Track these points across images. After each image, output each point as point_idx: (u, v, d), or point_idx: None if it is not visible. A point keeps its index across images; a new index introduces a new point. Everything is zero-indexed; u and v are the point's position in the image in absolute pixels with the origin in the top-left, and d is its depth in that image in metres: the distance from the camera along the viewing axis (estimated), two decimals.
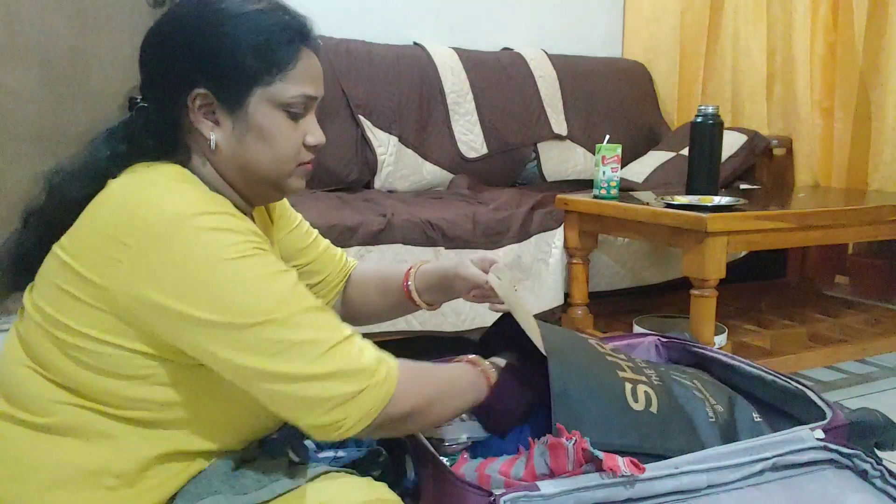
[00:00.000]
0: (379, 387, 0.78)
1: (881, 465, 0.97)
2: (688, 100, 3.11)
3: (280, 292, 0.76)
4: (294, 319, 0.75)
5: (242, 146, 0.82)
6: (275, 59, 0.81)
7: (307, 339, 0.75)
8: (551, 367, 0.94)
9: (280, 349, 0.74)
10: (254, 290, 0.74)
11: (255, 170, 0.84)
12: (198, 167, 0.83)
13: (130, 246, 0.73)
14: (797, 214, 1.84)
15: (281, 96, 0.82)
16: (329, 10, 2.70)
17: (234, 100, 0.80)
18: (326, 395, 0.75)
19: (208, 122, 0.81)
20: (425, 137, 2.61)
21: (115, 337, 0.76)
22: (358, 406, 0.76)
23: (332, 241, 1.84)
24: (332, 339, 0.77)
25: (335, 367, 0.75)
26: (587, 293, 2.17)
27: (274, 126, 0.82)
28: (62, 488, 0.76)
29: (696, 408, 1.02)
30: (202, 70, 0.79)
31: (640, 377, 1.01)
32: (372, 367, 0.78)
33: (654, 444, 0.93)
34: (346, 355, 0.77)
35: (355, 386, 0.76)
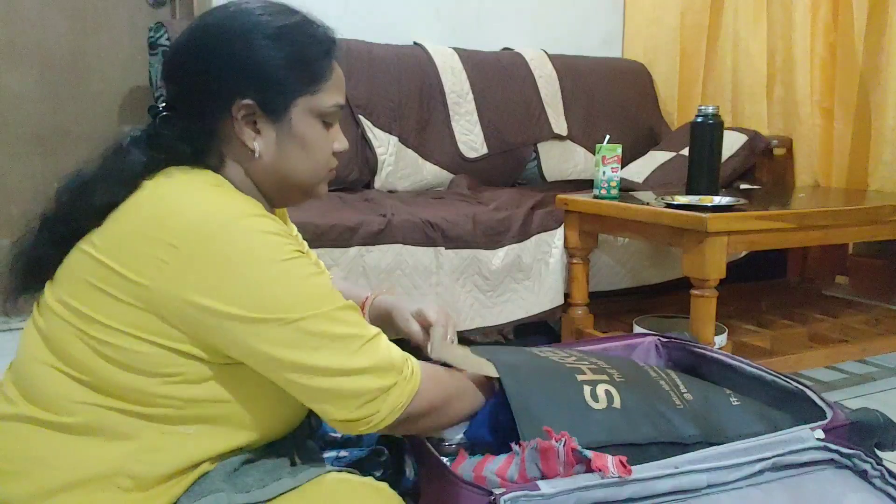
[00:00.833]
0: (407, 382, 0.83)
1: (881, 465, 0.97)
2: (688, 100, 3.11)
3: (321, 290, 0.80)
4: (334, 315, 0.79)
5: (283, 154, 0.85)
6: (316, 71, 0.85)
7: (346, 334, 0.79)
8: (507, 387, 0.95)
9: (321, 343, 0.78)
10: (299, 288, 0.78)
11: (293, 176, 0.87)
12: (231, 174, 0.85)
13: (177, 247, 0.75)
14: (797, 214, 1.85)
15: (320, 106, 0.85)
16: (329, 10, 2.68)
17: (278, 110, 0.83)
18: (361, 389, 0.79)
19: (251, 130, 0.83)
20: (425, 137, 2.61)
21: (151, 335, 0.77)
22: (389, 401, 0.81)
23: (332, 241, 1.86)
24: (367, 334, 0.82)
25: (370, 362, 0.80)
26: (587, 293, 2.17)
27: (313, 135, 0.86)
28: (77, 488, 0.77)
29: (662, 398, 1.03)
30: (248, 81, 0.81)
31: (601, 377, 1.03)
32: (400, 363, 0.83)
33: (623, 436, 0.94)
34: (379, 351, 0.82)
35: (387, 381, 0.81)
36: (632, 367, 1.14)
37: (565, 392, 0.99)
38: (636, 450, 0.90)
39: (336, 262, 1.84)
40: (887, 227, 2.03)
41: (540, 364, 1.05)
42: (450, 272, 1.99)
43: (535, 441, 0.87)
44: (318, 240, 1.83)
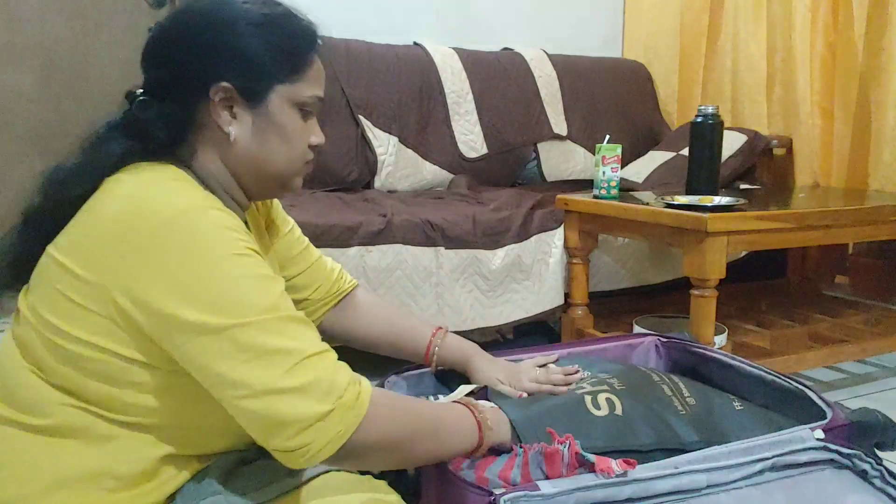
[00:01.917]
0: (348, 409, 0.74)
1: (881, 465, 0.97)
2: (688, 100, 3.11)
3: (265, 295, 0.74)
4: (273, 325, 0.73)
5: (260, 141, 0.84)
6: (297, 61, 0.85)
7: (282, 348, 0.73)
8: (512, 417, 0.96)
9: (253, 355, 0.72)
10: (241, 289, 0.73)
11: (268, 165, 0.85)
12: (205, 162, 0.84)
13: (131, 241, 0.73)
14: (797, 214, 1.85)
15: (299, 96, 0.85)
16: (329, 10, 2.69)
17: (256, 96, 0.82)
18: (294, 414, 0.71)
19: (227, 115, 0.82)
20: (425, 137, 2.61)
21: (110, 342, 0.75)
22: (325, 430, 0.72)
23: (331, 240, 1.86)
24: (307, 350, 0.74)
25: (305, 381, 0.72)
26: (587, 293, 2.17)
27: (290, 124, 0.85)
28: (62, 490, 0.76)
29: (664, 403, 1.04)
30: (228, 65, 0.81)
31: (601, 387, 1.04)
32: (342, 385, 0.74)
33: (625, 442, 0.95)
34: (319, 369, 0.74)
35: (324, 406, 0.72)
36: (633, 372, 1.14)
37: (566, 403, 1.00)
38: (638, 456, 0.90)
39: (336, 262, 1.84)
40: (887, 227, 2.03)
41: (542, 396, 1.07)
42: (450, 272, 1.99)
43: (540, 445, 0.87)
44: (318, 240, 1.83)
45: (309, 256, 1.11)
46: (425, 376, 1.25)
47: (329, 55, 2.49)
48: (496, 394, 1.07)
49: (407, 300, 1.94)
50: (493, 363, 1.14)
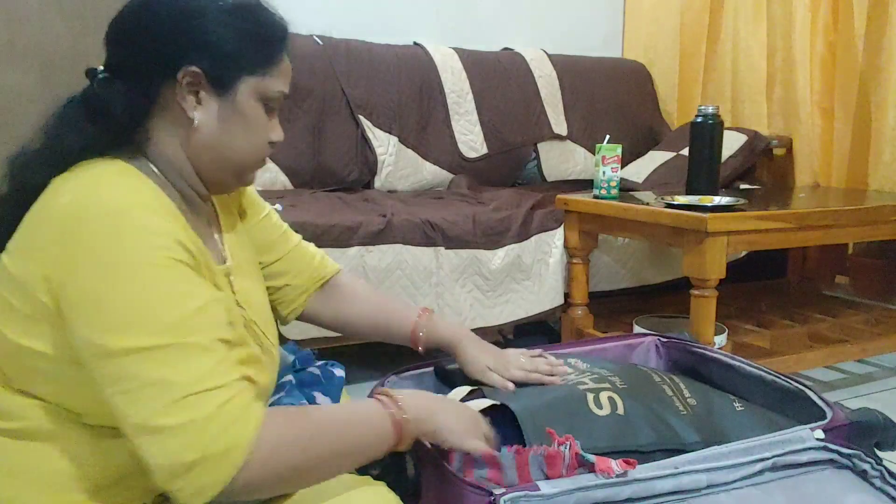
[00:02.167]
0: (218, 460, 0.67)
1: (881, 465, 0.97)
2: (688, 100, 3.11)
3: (167, 314, 0.69)
4: (162, 354, 0.68)
5: (224, 129, 0.82)
6: (267, 54, 0.83)
7: (162, 381, 0.67)
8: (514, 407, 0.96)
9: (134, 386, 0.67)
10: (142, 306, 0.68)
11: (230, 154, 0.84)
12: (163, 146, 0.82)
13: (57, 240, 0.71)
14: (797, 214, 1.85)
15: (267, 89, 0.83)
16: (329, 10, 2.70)
17: (224, 83, 0.81)
18: (161, 457, 0.66)
19: (193, 99, 0.81)
20: (425, 137, 2.61)
21: (51, 348, 0.73)
22: (191, 481, 0.66)
23: (331, 240, 1.86)
24: (190, 387, 0.67)
25: (177, 422, 0.66)
26: (587, 293, 2.17)
27: (255, 116, 0.84)
28: (42, 492, 0.75)
29: (665, 403, 1.04)
30: (199, 50, 0.79)
31: (603, 385, 1.04)
32: (215, 431, 0.67)
33: (627, 442, 0.95)
34: (196, 410, 0.67)
35: (190, 454, 0.66)
36: (635, 372, 1.14)
37: (568, 399, 1.00)
38: (639, 456, 0.90)
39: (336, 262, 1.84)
40: (887, 227, 2.03)
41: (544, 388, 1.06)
42: (450, 272, 1.99)
43: (542, 448, 0.87)
44: (318, 240, 1.83)
45: (287, 242, 1.09)
46: (425, 376, 1.24)
47: (329, 55, 2.49)
48: (494, 389, 1.06)
49: (407, 300, 1.94)
50: (483, 349, 1.12)
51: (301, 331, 1.82)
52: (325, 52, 2.49)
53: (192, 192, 0.85)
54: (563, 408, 0.98)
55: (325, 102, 2.45)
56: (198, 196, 0.86)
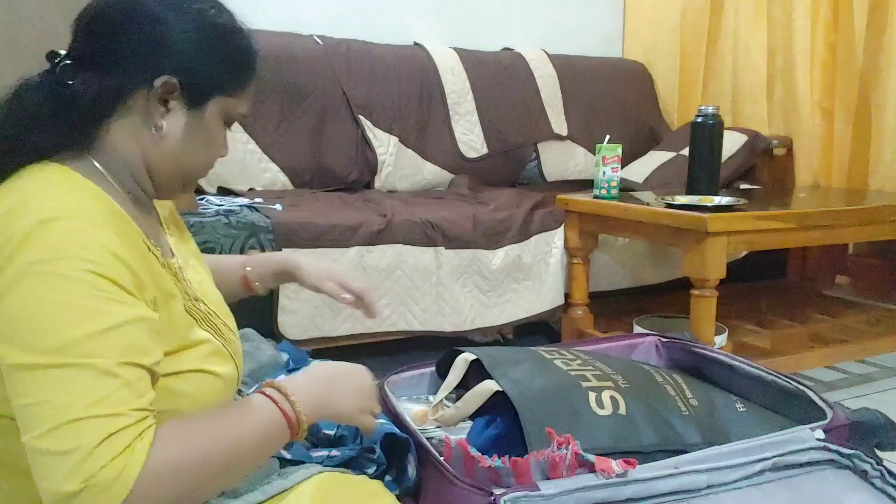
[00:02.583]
0: (100, 491, 0.63)
1: (881, 465, 0.97)
2: (688, 100, 3.11)
3: (66, 332, 0.66)
4: (55, 373, 0.65)
5: (187, 141, 0.82)
6: (242, 78, 0.85)
7: (50, 401, 0.64)
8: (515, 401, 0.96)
9: (27, 403, 0.65)
10: (42, 320, 0.66)
11: (188, 165, 0.84)
12: (119, 145, 0.80)
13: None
14: (797, 214, 1.84)
15: (233, 110, 0.85)
16: (329, 10, 2.70)
17: (197, 98, 0.82)
18: (45, 481, 0.64)
19: (162, 108, 0.81)
20: (425, 137, 2.61)
21: None
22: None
23: (331, 240, 1.86)
24: (80, 412, 0.64)
25: (60, 448, 0.63)
26: (587, 293, 2.17)
27: (217, 133, 0.85)
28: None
29: (667, 404, 1.03)
30: (181, 61, 0.79)
31: (606, 383, 1.04)
32: (100, 462, 0.63)
33: (628, 443, 0.95)
34: (80, 437, 0.63)
35: (71, 483, 0.63)
36: (637, 371, 1.14)
37: (570, 399, 1.00)
38: (640, 457, 0.90)
39: (336, 262, 1.84)
40: (887, 227, 2.03)
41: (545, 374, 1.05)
42: (450, 272, 1.99)
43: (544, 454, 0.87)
44: (318, 240, 1.83)
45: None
46: (425, 376, 1.25)
47: (329, 55, 2.49)
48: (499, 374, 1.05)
49: (407, 300, 1.94)
50: (318, 264, 1.13)
51: (301, 331, 1.82)
52: (325, 52, 2.49)
53: (141, 194, 0.84)
54: (565, 403, 0.98)
55: (325, 102, 2.45)
56: (147, 197, 0.86)
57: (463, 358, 1.15)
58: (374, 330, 1.88)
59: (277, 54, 2.38)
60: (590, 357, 1.16)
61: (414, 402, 1.23)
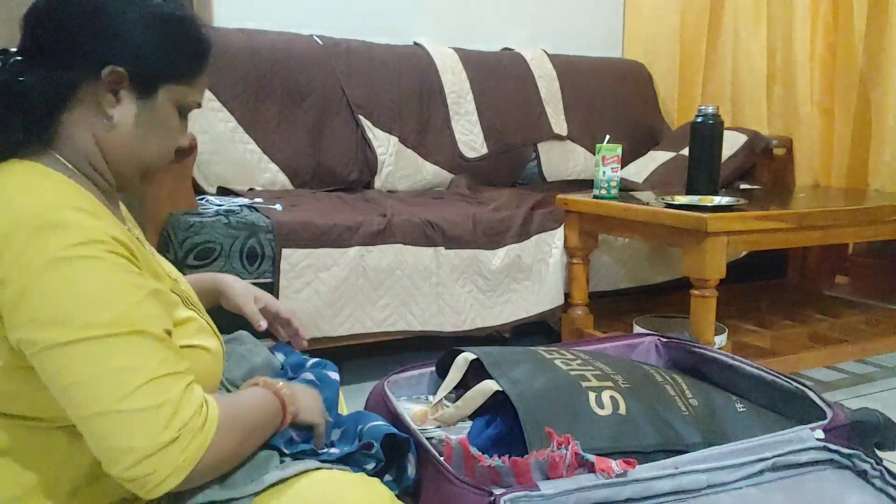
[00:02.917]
0: (193, 436, 0.71)
1: (881, 465, 0.97)
2: (688, 100, 3.11)
3: (113, 305, 0.70)
4: (118, 342, 0.69)
5: (139, 131, 0.83)
6: (192, 65, 0.85)
7: (126, 367, 0.69)
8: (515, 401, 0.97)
9: (93, 374, 0.68)
10: (84, 299, 0.69)
11: (142, 155, 0.84)
12: (77, 139, 0.81)
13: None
14: (797, 214, 1.85)
15: (184, 98, 0.85)
16: (329, 10, 2.70)
17: (146, 87, 0.82)
18: (133, 440, 0.68)
19: (112, 98, 0.81)
20: (425, 137, 2.61)
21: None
22: (168, 459, 0.69)
23: (331, 240, 1.86)
24: (156, 370, 0.70)
25: (148, 404, 0.69)
26: (587, 293, 2.17)
27: (170, 122, 0.85)
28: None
29: (667, 404, 1.03)
30: (127, 50, 0.80)
31: (606, 383, 1.04)
32: (189, 411, 0.71)
33: (628, 443, 0.95)
34: (166, 392, 0.70)
35: (168, 432, 0.69)
36: (637, 371, 1.14)
37: (570, 398, 0.99)
38: (640, 457, 0.90)
39: (336, 262, 1.84)
40: (887, 227, 2.03)
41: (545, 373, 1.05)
42: (450, 272, 1.99)
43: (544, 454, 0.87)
44: (318, 240, 1.83)
45: None
46: (425, 376, 1.25)
47: (329, 55, 2.49)
48: (499, 374, 1.05)
49: (407, 300, 1.94)
50: (247, 287, 1.11)
51: None
52: (325, 52, 2.49)
53: (107, 186, 0.85)
54: (564, 403, 0.98)
55: (325, 102, 2.45)
56: (112, 190, 0.86)
57: (463, 357, 1.15)
58: (374, 330, 1.88)
59: (277, 54, 2.38)
60: (590, 357, 1.16)
61: (414, 402, 1.23)
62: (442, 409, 1.13)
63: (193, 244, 1.72)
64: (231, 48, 2.30)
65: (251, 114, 2.31)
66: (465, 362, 1.14)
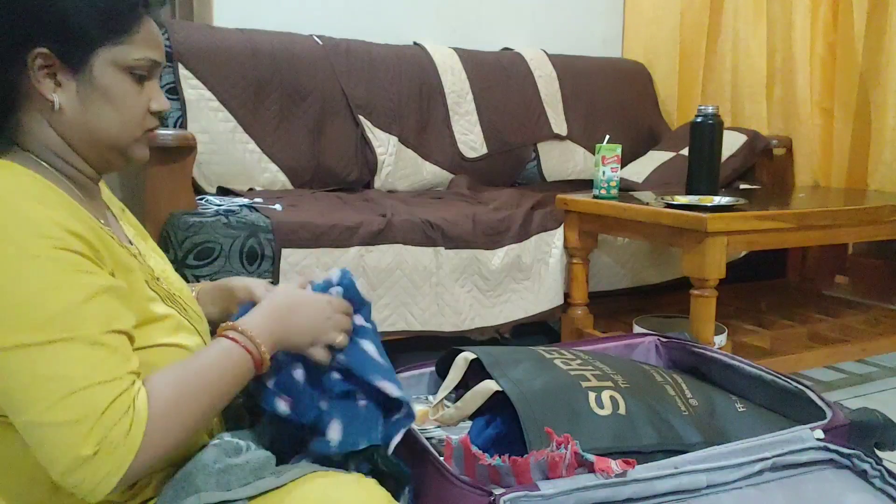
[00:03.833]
0: (114, 448, 0.69)
1: (881, 464, 0.97)
2: (688, 100, 3.11)
3: (47, 307, 0.68)
4: (46, 350, 0.68)
5: (87, 108, 0.80)
6: (119, 23, 0.79)
7: (52, 376, 0.67)
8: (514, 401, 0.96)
9: (23, 382, 0.67)
10: (22, 300, 0.68)
11: (101, 133, 0.81)
12: (36, 133, 0.80)
13: None
14: (797, 214, 1.85)
15: (125, 58, 0.80)
16: (329, 10, 2.70)
17: (76, 60, 0.78)
18: (56, 452, 0.67)
19: (50, 83, 0.78)
20: (425, 137, 2.61)
21: None
22: (91, 472, 0.68)
23: (332, 241, 1.86)
24: (82, 381, 0.68)
25: (67, 418, 0.67)
26: (587, 293, 2.17)
27: (119, 88, 0.80)
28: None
29: (667, 404, 1.03)
30: (44, 30, 0.77)
31: (606, 383, 1.04)
32: (109, 423, 0.68)
33: (628, 443, 0.95)
34: (87, 404, 0.68)
35: (86, 448, 0.67)
36: (637, 371, 1.14)
37: (570, 398, 1.00)
38: (640, 457, 0.90)
39: (336, 263, 1.84)
40: (887, 227, 2.03)
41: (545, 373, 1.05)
42: (449, 272, 1.99)
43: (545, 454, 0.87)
44: (318, 240, 1.83)
45: None
46: (424, 376, 1.25)
47: (329, 55, 2.49)
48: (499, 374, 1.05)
49: (407, 300, 1.94)
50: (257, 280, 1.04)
51: None
52: (325, 52, 2.49)
53: (81, 176, 0.83)
54: (564, 403, 0.98)
55: (325, 102, 2.45)
56: (88, 179, 0.84)
57: (463, 357, 1.15)
58: None
59: (277, 54, 2.38)
60: (590, 357, 1.16)
61: (414, 402, 1.23)
62: (442, 410, 1.13)
63: (193, 244, 1.72)
64: (231, 48, 2.30)
65: (251, 114, 2.31)
66: (464, 362, 1.14)
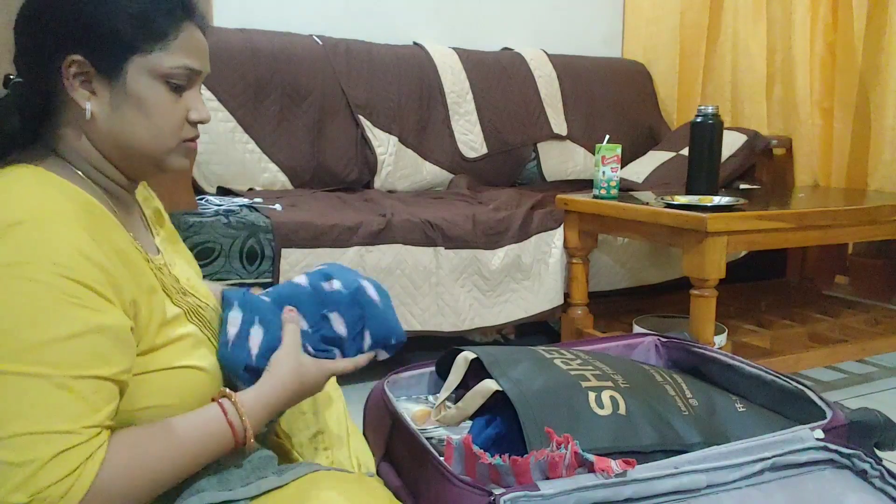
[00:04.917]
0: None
1: (881, 464, 0.97)
2: (688, 100, 3.11)
3: (25, 337, 0.65)
4: (15, 381, 0.64)
5: (120, 117, 0.78)
6: (154, 29, 0.78)
7: (9, 410, 0.64)
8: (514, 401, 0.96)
9: None
10: (2, 323, 0.65)
11: (133, 142, 0.79)
12: (71, 141, 0.79)
13: None
14: (797, 214, 1.84)
15: (160, 66, 0.78)
16: (329, 10, 2.70)
17: (111, 68, 0.77)
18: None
19: (84, 91, 0.77)
20: (425, 137, 2.61)
21: None
22: None
23: (332, 241, 1.86)
24: (36, 425, 0.64)
25: (11, 458, 0.63)
26: (587, 293, 2.17)
27: (153, 97, 0.78)
28: None
29: (667, 403, 1.03)
30: (78, 36, 0.76)
31: (606, 383, 1.04)
32: (49, 479, 0.64)
33: (628, 443, 0.95)
34: (33, 451, 0.63)
35: (20, 496, 0.63)
36: (637, 370, 1.14)
37: (570, 398, 1.00)
38: (640, 457, 0.90)
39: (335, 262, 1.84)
40: (887, 227, 2.03)
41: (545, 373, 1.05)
42: (449, 272, 1.99)
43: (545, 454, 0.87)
44: (318, 240, 1.83)
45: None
46: (424, 376, 1.25)
47: (329, 55, 2.49)
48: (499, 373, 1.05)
49: (407, 300, 1.94)
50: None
51: None
52: (325, 52, 2.49)
53: (115, 186, 0.82)
54: (564, 403, 0.98)
55: (325, 102, 2.45)
56: (122, 189, 0.83)
57: (463, 357, 1.14)
58: None
59: (277, 54, 2.38)
60: (589, 357, 1.16)
61: (414, 402, 1.23)
62: (444, 410, 1.13)
63: (193, 244, 1.72)
64: (231, 48, 2.30)
65: (251, 114, 2.31)
66: (464, 362, 1.14)
